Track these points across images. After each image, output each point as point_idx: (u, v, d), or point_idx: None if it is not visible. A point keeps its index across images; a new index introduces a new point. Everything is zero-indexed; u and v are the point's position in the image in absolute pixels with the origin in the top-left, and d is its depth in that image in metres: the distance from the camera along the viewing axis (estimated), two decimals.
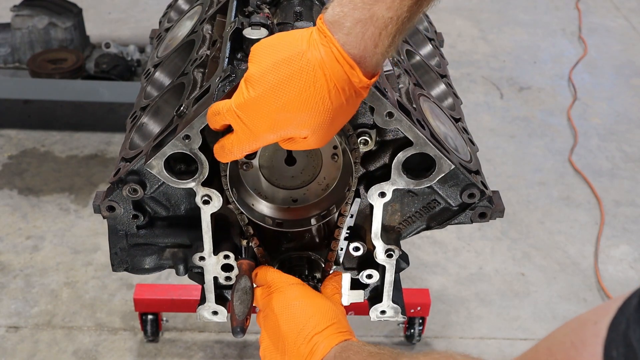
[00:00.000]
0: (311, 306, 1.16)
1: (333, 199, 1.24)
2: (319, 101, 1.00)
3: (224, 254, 1.31)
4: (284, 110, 1.00)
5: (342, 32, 0.98)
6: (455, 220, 1.30)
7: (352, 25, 0.98)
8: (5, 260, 3.04)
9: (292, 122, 1.01)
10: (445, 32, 2.08)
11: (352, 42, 0.98)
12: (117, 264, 1.33)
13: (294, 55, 0.99)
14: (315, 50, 0.99)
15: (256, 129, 1.03)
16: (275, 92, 1.00)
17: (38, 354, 2.65)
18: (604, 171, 3.73)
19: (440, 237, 3.21)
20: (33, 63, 3.63)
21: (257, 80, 1.00)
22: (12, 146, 3.75)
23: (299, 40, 1.01)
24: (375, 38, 0.98)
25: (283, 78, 0.99)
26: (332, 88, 0.99)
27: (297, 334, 1.13)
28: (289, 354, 1.14)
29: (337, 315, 1.17)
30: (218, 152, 1.11)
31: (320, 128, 1.03)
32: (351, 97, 1.02)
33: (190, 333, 2.76)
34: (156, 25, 2.08)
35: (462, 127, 1.47)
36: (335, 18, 0.99)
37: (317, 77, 0.99)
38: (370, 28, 0.97)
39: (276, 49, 1.01)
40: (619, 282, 3.05)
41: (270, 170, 1.23)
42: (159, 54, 1.66)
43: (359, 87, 1.01)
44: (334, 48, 0.98)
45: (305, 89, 0.99)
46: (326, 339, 1.11)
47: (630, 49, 5.00)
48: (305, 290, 1.20)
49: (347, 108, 1.03)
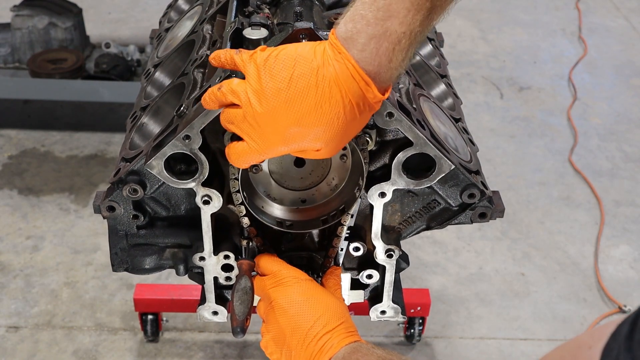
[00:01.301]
0: (320, 304, 1.16)
1: (342, 199, 1.24)
2: (334, 117, 1.01)
3: (224, 254, 1.31)
4: (298, 124, 1.01)
5: (357, 49, 0.99)
6: (455, 221, 1.30)
7: (366, 41, 0.98)
8: (5, 260, 3.04)
9: (306, 136, 1.02)
10: (445, 32, 2.08)
11: (367, 58, 0.99)
12: (117, 264, 1.33)
13: (307, 70, 1.00)
14: (330, 66, 0.99)
15: (268, 142, 1.03)
16: (289, 106, 1.00)
17: (38, 354, 2.65)
18: (604, 171, 3.73)
19: (440, 237, 3.21)
20: (33, 63, 3.62)
21: (271, 94, 1.00)
22: (12, 146, 3.75)
23: (312, 55, 1.01)
24: (389, 53, 0.98)
25: (298, 93, 1.00)
26: (348, 104, 1.00)
27: (306, 331, 1.13)
28: (296, 351, 1.14)
29: (345, 314, 1.17)
30: (229, 158, 1.11)
31: (333, 141, 1.04)
32: (364, 112, 1.03)
33: (190, 333, 2.76)
34: (156, 25, 2.08)
35: (462, 127, 1.47)
36: (348, 34, 0.99)
37: (332, 93, 0.99)
38: (384, 44, 0.98)
39: (289, 63, 1.01)
40: (619, 282, 3.05)
41: (280, 172, 1.23)
42: (159, 54, 1.66)
43: (373, 102, 1.02)
44: (349, 64, 0.99)
45: (320, 105, 1.00)
46: (336, 338, 1.11)
47: (630, 49, 5.00)
48: (314, 287, 1.20)
49: (359, 121, 1.04)
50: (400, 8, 0.97)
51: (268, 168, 1.22)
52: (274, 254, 1.27)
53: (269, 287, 1.21)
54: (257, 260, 1.26)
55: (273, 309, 1.18)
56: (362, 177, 1.17)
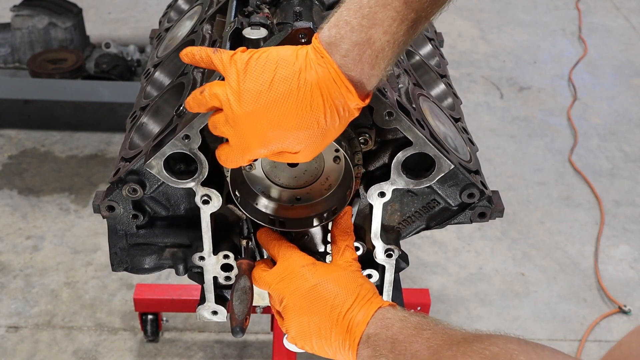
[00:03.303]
0: (330, 284, 1.12)
1: (335, 200, 1.24)
2: (314, 121, 1.00)
3: (224, 254, 1.31)
4: (278, 127, 1.01)
5: (339, 54, 0.98)
6: (454, 220, 1.30)
7: (349, 47, 0.98)
8: (5, 260, 3.04)
9: (285, 139, 1.02)
10: (445, 32, 2.08)
11: (349, 64, 0.98)
12: (117, 264, 1.33)
13: (289, 74, 0.99)
14: (312, 70, 0.99)
15: (248, 144, 1.03)
16: (270, 109, 1.00)
17: (38, 354, 2.65)
18: (604, 171, 3.73)
19: (440, 237, 3.21)
20: (33, 63, 3.63)
21: (251, 96, 1.00)
22: (12, 146, 3.75)
23: (294, 58, 1.00)
24: (372, 61, 0.98)
25: (279, 96, 0.99)
26: (329, 108, 1.00)
27: (329, 314, 1.10)
28: (326, 340, 1.11)
29: (357, 282, 1.13)
30: (219, 160, 1.12)
31: (312, 145, 1.04)
32: (344, 117, 1.03)
33: (190, 333, 2.76)
34: (156, 25, 2.08)
35: (461, 127, 1.47)
36: (332, 39, 0.99)
37: (314, 97, 0.99)
38: (367, 51, 0.98)
39: (271, 66, 1.00)
40: (619, 282, 3.05)
41: (273, 171, 1.23)
42: (159, 54, 1.66)
43: (354, 108, 1.02)
44: (331, 69, 0.99)
45: (301, 108, 0.99)
46: (359, 311, 1.09)
47: (630, 49, 5.00)
48: (319, 269, 1.16)
49: (338, 127, 1.04)
50: (385, 17, 0.96)
51: (262, 166, 1.22)
52: (283, 241, 1.24)
53: (276, 283, 1.17)
54: (266, 244, 1.23)
55: (286, 307, 1.15)
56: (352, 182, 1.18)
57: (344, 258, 1.20)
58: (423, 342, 0.98)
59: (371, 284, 1.17)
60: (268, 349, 2.68)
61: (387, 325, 1.05)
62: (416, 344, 0.99)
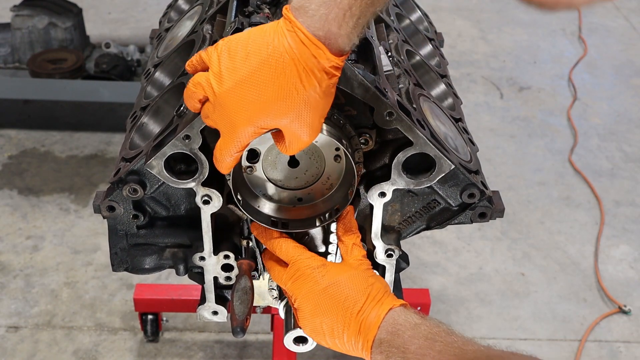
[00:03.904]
0: (342, 286, 1.13)
1: (337, 200, 1.24)
2: (291, 87, 1.00)
3: (224, 254, 1.31)
4: (259, 100, 1.01)
5: (307, 16, 1.00)
6: (455, 220, 1.30)
7: (316, 7, 0.99)
8: (5, 260, 3.04)
9: (268, 112, 1.02)
10: (445, 32, 2.08)
11: (316, 24, 0.99)
12: (117, 264, 1.33)
13: (261, 45, 1.00)
14: (282, 36, 1.00)
15: (234, 124, 1.03)
16: (247, 83, 1.00)
17: (38, 354, 2.65)
18: (604, 171, 3.73)
19: (440, 237, 3.21)
20: (33, 63, 3.63)
21: (228, 73, 1.01)
22: (12, 146, 3.75)
23: (266, 31, 1.02)
24: (339, 19, 0.99)
25: (253, 68, 1.00)
26: (302, 71, 1.00)
27: (341, 315, 1.11)
28: (339, 339, 1.12)
29: (368, 283, 1.14)
30: (215, 164, 1.12)
31: (299, 116, 1.03)
32: (323, 79, 1.02)
33: (190, 333, 2.76)
34: (156, 25, 2.08)
35: (462, 127, 1.46)
36: (300, 4, 1.00)
37: (285, 63, 1.00)
38: (334, 9, 0.99)
39: (245, 42, 1.02)
40: (619, 282, 3.05)
41: (274, 172, 1.23)
42: (159, 54, 1.66)
43: (329, 67, 1.02)
44: (298, 31, 0.99)
45: (276, 77, 1.00)
46: (370, 313, 1.09)
47: (630, 49, 5.00)
48: (330, 271, 1.16)
49: (321, 92, 1.03)
50: None
51: (262, 168, 1.22)
52: (289, 239, 1.24)
53: (290, 284, 1.18)
54: (271, 242, 1.23)
55: (300, 307, 1.16)
56: (354, 180, 1.18)
57: (353, 256, 1.21)
58: (435, 355, 0.99)
59: (383, 282, 1.17)
60: (268, 349, 2.68)
61: (397, 332, 1.06)
62: (428, 357, 1.00)
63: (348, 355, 1.17)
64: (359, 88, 1.12)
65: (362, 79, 1.11)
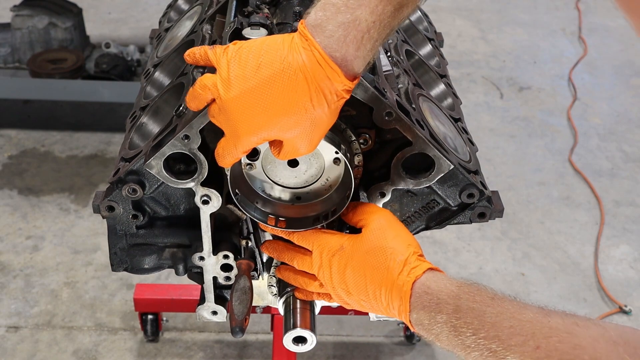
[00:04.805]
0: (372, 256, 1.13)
1: (334, 201, 1.24)
2: (300, 105, 1.00)
3: (223, 254, 1.31)
4: (265, 112, 1.00)
5: (324, 35, 0.98)
6: (454, 220, 1.30)
7: (334, 28, 0.98)
8: (5, 260, 3.04)
9: (273, 125, 1.01)
10: (445, 32, 2.08)
11: (334, 45, 0.98)
12: (117, 264, 1.33)
13: (274, 58, 0.99)
14: (297, 53, 0.99)
15: (238, 131, 1.03)
16: (255, 94, 0.99)
17: (38, 354, 2.65)
18: (604, 171, 3.73)
19: (440, 237, 3.21)
20: (33, 63, 3.63)
21: (237, 81, 1.00)
22: (12, 146, 3.75)
23: (280, 44, 1.01)
24: (358, 42, 0.98)
25: (264, 80, 0.99)
26: (314, 91, 0.99)
27: (380, 279, 1.10)
28: (379, 295, 1.11)
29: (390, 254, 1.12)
30: (216, 158, 1.12)
31: (303, 132, 1.03)
32: (333, 101, 1.01)
33: (190, 333, 2.76)
34: (156, 25, 2.08)
35: (461, 127, 1.46)
36: (317, 22, 0.99)
37: (298, 81, 0.99)
38: (353, 31, 0.98)
39: (257, 52, 1.01)
40: (619, 282, 3.05)
41: (274, 170, 1.23)
42: (158, 53, 1.66)
43: (341, 90, 1.01)
44: (315, 51, 0.98)
45: (286, 92, 0.99)
46: (408, 275, 1.09)
47: (630, 49, 4.99)
48: (354, 243, 1.15)
49: (329, 112, 1.03)
50: None
51: (262, 166, 1.22)
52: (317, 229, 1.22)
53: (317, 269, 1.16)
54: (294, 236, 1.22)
55: (339, 276, 1.14)
56: (351, 184, 1.18)
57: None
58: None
59: (403, 246, 1.15)
60: (268, 349, 2.68)
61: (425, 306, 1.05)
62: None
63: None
64: (358, 88, 1.12)
65: (361, 79, 1.11)
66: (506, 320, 0.96)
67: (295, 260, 1.22)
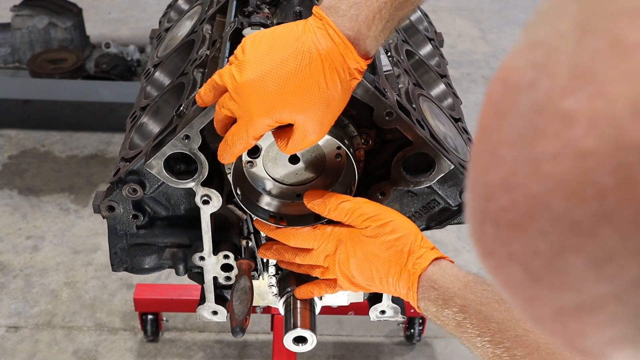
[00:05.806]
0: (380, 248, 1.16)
1: None
2: (314, 83, 1.01)
3: (224, 254, 1.31)
4: (279, 92, 1.01)
5: (337, 15, 1.01)
6: (455, 220, 1.30)
7: (347, 8, 1.01)
8: (5, 260, 3.04)
9: (288, 104, 1.02)
10: (445, 32, 2.08)
11: (347, 23, 1.01)
12: (117, 264, 1.33)
13: (289, 39, 1.02)
14: (311, 32, 1.02)
15: (251, 113, 1.03)
16: (270, 74, 1.01)
17: (38, 354, 2.65)
18: None
19: (441, 237, 3.21)
20: (33, 63, 3.63)
21: (251, 63, 1.02)
22: (12, 146, 3.75)
23: (294, 26, 1.04)
24: (369, 21, 1.01)
25: (278, 60, 1.01)
26: (327, 68, 1.01)
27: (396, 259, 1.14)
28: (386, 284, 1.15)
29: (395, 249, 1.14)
30: (221, 150, 1.10)
31: (316, 113, 1.03)
32: (345, 80, 1.03)
33: (190, 333, 2.76)
34: (156, 25, 2.08)
35: (462, 127, 1.46)
36: (331, 3, 1.02)
37: (312, 58, 1.01)
38: (365, 11, 1.00)
39: (270, 37, 1.03)
40: None
41: (275, 168, 1.23)
42: (158, 54, 1.66)
43: (354, 69, 1.03)
44: (329, 29, 1.01)
45: (300, 70, 1.01)
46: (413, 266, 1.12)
47: None
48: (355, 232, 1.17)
49: (341, 92, 1.04)
50: None
51: (263, 164, 1.22)
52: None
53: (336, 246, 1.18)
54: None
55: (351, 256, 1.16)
56: (354, 180, 1.18)
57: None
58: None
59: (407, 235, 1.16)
60: (268, 349, 2.68)
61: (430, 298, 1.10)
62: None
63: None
64: (358, 88, 1.12)
65: (361, 79, 1.11)
66: (512, 329, 0.99)
67: (298, 257, 1.23)
